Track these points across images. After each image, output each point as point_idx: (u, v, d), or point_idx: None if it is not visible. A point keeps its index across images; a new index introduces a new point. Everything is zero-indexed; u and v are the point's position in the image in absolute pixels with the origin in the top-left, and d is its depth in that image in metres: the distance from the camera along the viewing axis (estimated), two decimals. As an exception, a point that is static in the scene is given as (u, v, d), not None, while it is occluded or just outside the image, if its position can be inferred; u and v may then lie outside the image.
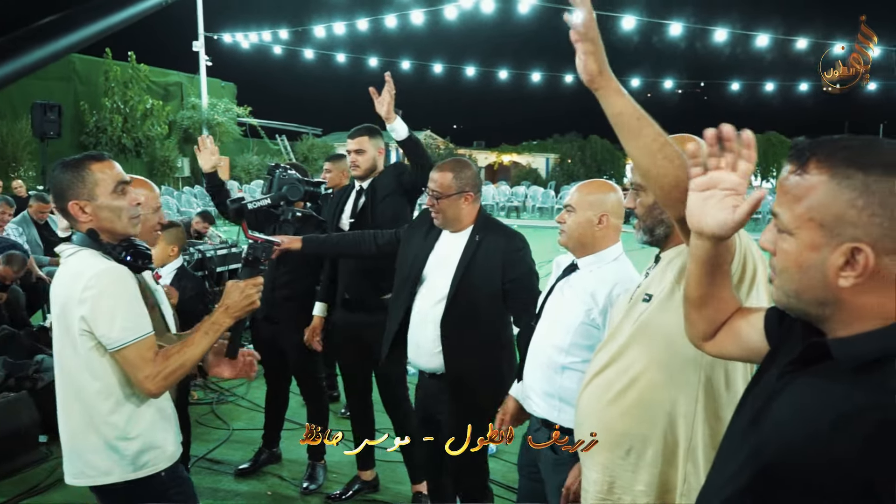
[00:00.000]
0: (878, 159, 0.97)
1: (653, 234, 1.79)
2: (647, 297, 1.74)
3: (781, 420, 1.05)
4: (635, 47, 17.59)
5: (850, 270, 0.97)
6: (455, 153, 33.01)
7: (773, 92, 23.75)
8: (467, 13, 14.07)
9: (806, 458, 0.97)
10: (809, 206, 1.00)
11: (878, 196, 0.95)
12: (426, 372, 2.89)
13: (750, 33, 16.54)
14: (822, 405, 0.99)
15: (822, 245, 1.00)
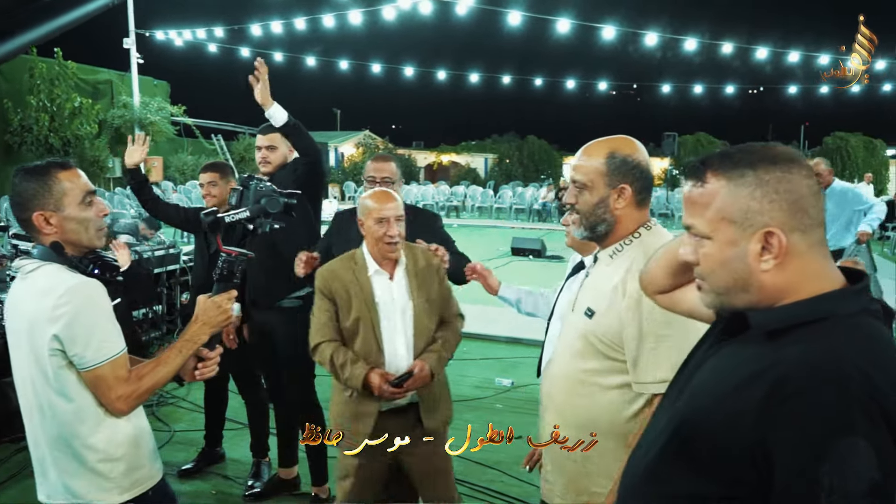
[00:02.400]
0: (760, 156, 1.13)
1: (594, 231, 1.84)
2: (590, 312, 1.80)
3: (700, 383, 1.18)
4: (572, 50, 17.98)
5: (768, 254, 1.10)
6: (394, 153, 33.02)
7: (702, 94, 24.64)
8: (405, 14, 14.16)
9: (714, 416, 1.08)
10: (717, 208, 1.14)
11: (771, 184, 1.10)
12: None
13: (679, 38, 17.14)
14: (735, 367, 1.11)
15: (738, 239, 1.12)
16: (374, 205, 2.54)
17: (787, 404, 0.99)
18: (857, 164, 29.82)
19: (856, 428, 0.95)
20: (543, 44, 11.50)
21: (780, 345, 1.06)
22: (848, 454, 0.94)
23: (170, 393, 5.25)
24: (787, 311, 1.11)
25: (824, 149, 31.04)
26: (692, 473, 1.10)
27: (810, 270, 1.11)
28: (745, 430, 1.01)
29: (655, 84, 23.64)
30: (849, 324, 1.07)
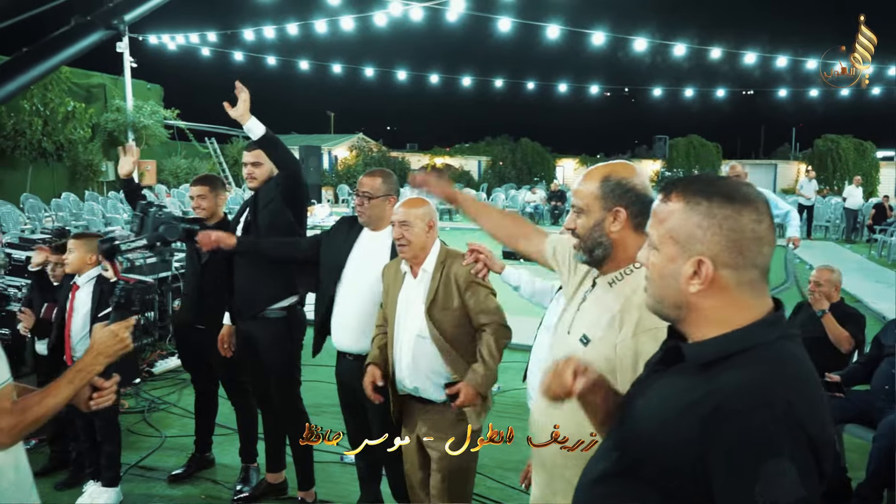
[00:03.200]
0: (720, 190, 1.23)
1: (592, 254, 1.85)
2: (585, 339, 1.81)
3: (644, 409, 1.29)
4: (564, 54, 18.10)
5: (697, 279, 1.22)
6: (388, 156, 33.04)
7: (694, 97, 24.79)
8: (398, 18, 14.23)
9: (659, 439, 1.20)
10: (669, 226, 1.26)
11: (717, 219, 1.21)
12: (352, 354, 3.22)
13: (670, 43, 17.26)
14: (674, 396, 1.23)
15: (677, 257, 1.24)
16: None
17: (723, 429, 1.10)
18: (847, 167, 29.99)
19: (783, 450, 1.06)
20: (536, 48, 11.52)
21: (713, 375, 1.17)
22: (777, 474, 1.05)
23: (161, 399, 5.33)
24: (717, 344, 1.21)
25: (815, 151, 31.23)
26: (637, 489, 1.22)
27: (737, 304, 1.22)
28: (688, 452, 1.13)
29: (647, 87, 23.79)
30: (771, 351, 1.18)
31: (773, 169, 34.00)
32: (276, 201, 3.55)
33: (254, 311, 3.59)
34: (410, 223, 2.80)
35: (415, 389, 2.86)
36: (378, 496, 3.58)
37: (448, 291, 2.77)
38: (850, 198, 18.88)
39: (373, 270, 3.15)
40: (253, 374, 3.80)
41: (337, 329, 3.26)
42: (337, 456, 4.36)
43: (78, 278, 3.72)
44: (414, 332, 2.81)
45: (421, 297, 2.82)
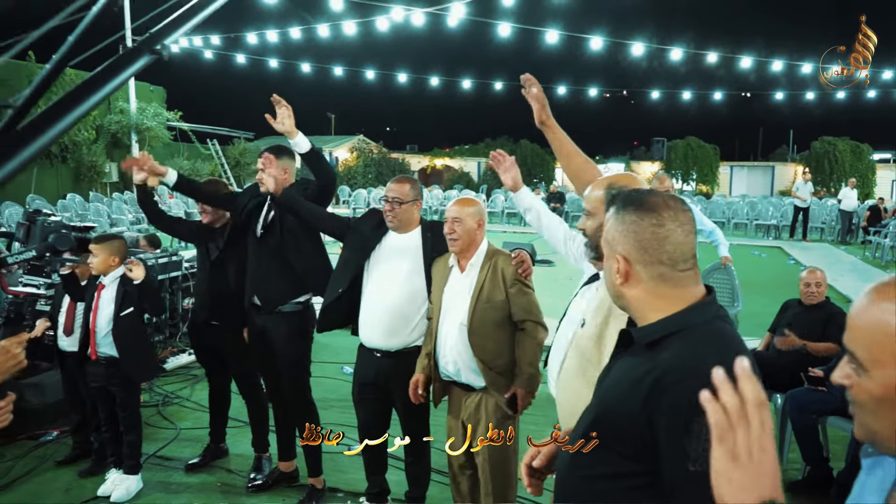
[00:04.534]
0: (633, 202, 1.50)
1: (597, 252, 2.06)
2: (583, 322, 2.12)
3: (606, 388, 1.54)
4: (563, 57, 18.33)
5: (618, 274, 1.49)
6: (388, 157, 33.27)
7: (691, 100, 25.02)
8: (399, 22, 14.45)
9: (615, 410, 1.43)
10: (606, 231, 1.55)
11: (625, 224, 1.48)
12: (380, 351, 3.43)
13: (668, 47, 17.50)
14: (626, 373, 1.45)
15: (610, 257, 1.53)
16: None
17: (663, 397, 1.32)
18: (844, 169, 30.21)
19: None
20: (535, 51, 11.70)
21: (655, 353, 1.40)
22: (704, 429, 1.21)
23: (174, 393, 5.55)
24: (658, 326, 1.45)
25: (812, 153, 31.46)
26: (604, 456, 1.44)
27: (655, 293, 1.46)
28: (637, 419, 1.34)
29: (645, 90, 24.03)
30: (704, 330, 1.42)
31: (770, 171, 34.24)
32: (295, 226, 3.78)
33: (274, 305, 3.80)
34: (462, 219, 3.06)
35: (457, 374, 3.12)
36: (384, 485, 3.78)
37: (495, 285, 3.03)
38: (845, 200, 19.12)
39: (402, 271, 3.38)
40: (267, 368, 4.00)
41: (365, 326, 3.45)
42: (345, 447, 4.57)
43: (103, 278, 3.94)
44: (458, 321, 3.05)
45: (468, 289, 3.07)
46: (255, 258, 3.82)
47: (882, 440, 1.05)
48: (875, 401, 1.03)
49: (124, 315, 3.91)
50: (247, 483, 4.10)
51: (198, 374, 5.93)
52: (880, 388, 1.01)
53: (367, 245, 3.47)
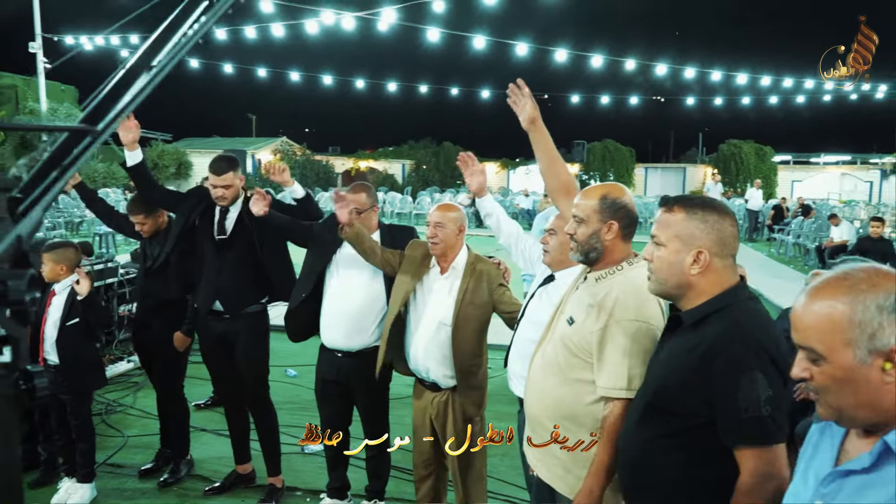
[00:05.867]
0: (708, 205, 1.84)
1: (587, 256, 2.26)
2: (571, 321, 2.27)
3: (660, 365, 1.87)
4: (487, 62, 18.72)
5: (696, 265, 1.78)
6: (312, 159, 32.98)
7: (609, 104, 25.94)
8: (324, 25, 14.42)
9: (674, 382, 1.77)
10: (675, 230, 1.82)
11: (709, 223, 1.79)
12: (341, 351, 3.56)
13: (587, 54, 18.15)
14: (678, 349, 1.79)
15: (682, 251, 1.80)
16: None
17: (713, 362, 1.67)
18: (749, 170, 31.99)
19: (754, 367, 1.64)
20: (461, 56, 11.98)
21: (701, 329, 1.75)
22: (751, 381, 1.64)
23: (117, 402, 5.47)
24: (702, 308, 1.79)
25: (720, 155, 33.15)
26: (666, 418, 1.79)
27: (719, 280, 1.80)
28: (694, 383, 1.71)
29: (566, 94, 24.78)
30: (740, 308, 1.76)
31: (682, 172, 35.82)
32: (263, 234, 3.84)
33: (238, 309, 3.87)
34: (444, 224, 3.20)
35: (426, 372, 3.25)
36: (345, 481, 3.90)
37: (479, 287, 3.18)
38: (752, 199, 20.33)
39: (363, 275, 3.51)
40: (225, 372, 4.03)
41: (328, 328, 3.58)
42: (299, 447, 4.67)
43: (56, 286, 3.89)
44: (437, 320, 3.19)
45: (449, 290, 3.21)
46: (216, 264, 3.84)
47: (846, 415, 1.22)
48: (837, 382, 1.20)
49: (70, 325, 3.88)
50: (157, 485, 4.13)
51: (139, 381, 5.86)
52: (840, 370, 1.19)
53: (329, 250, 3.59)
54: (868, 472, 1.18)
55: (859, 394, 1.18)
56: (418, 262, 3.32)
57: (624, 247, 2.27)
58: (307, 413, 5.26)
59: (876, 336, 1.15)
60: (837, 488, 1.23)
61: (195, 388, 5.30)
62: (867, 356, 1.16)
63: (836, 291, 1.20)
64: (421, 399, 3.36)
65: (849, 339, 1.17)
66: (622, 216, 2.24)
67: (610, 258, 2.25)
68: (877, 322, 1.15)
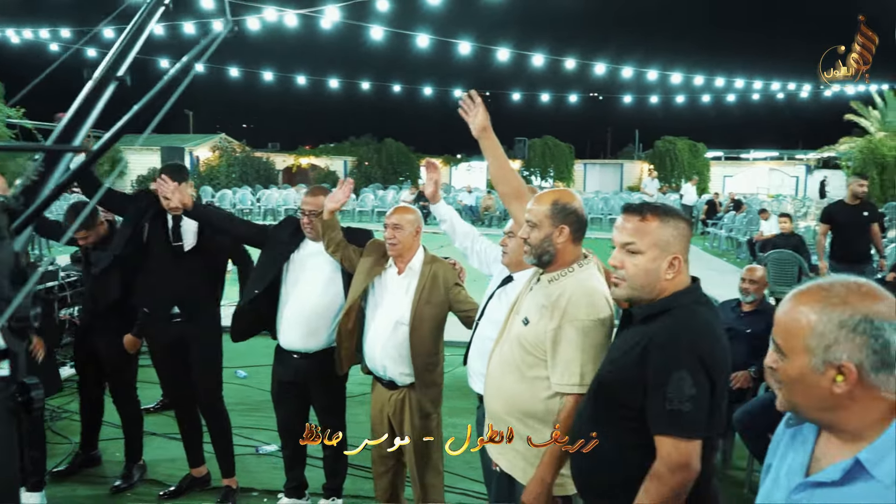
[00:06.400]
0: (671, 210, 1.99)
1: (540, 259, 2.38)
2: (526, 321, 2.39)
3: (612, 355, 2.07)
4: (429, 59, 18.80)
5: (671, 270, 1.93)
6: (252, 156, 32.44)
7: (549, 101, 26.38)
8: (266, 21, 14.26)
9: (615, 375, 1.95)
10: (653, 238, 1.93)
11: (679, 229, 1.95)
12: (299, 353, 3.60)
13: (527, 53, 18.44)
14: (626, 342, 1.98)
15: (659, 258, 1.93)
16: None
17: (650, 358, 1.86)
18: (683, 166, 33.00)
19: (682, 366, 1.82)
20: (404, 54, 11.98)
21: (649, 326, 1.93)
22: (678, 380, 1.80)
23: (62, 408, 5.36)
24: (652, 306, 1.96)
25: (656, 151, 34.08)
26: (611, 405, 1.98)
27: (682, 281, 1.97)
28: (634, 375, 1.90)
29: (507, 91, 25.10)
30: (685, 310, 1.93)
31: (619, 168, 36.69)
32: (225, 242, 3.89)
33: (196, 313, 3.87)
34: (402, 226, 3.28)
35: (384, 370, 3.33)
36: (303, 480, 3.95)
37: (435, 287, 3.27)
38: (687, 195, 21.02)
39: (320, 276, 3.57)
40: (178, 376, 4.02)
41: (285, 330, 3.62)
42: (252, 448, 4.69)
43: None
44: (394, 319, 3.27)
45: (406, 289, 3.29)
46: (172, 270, 3.83)
47: (800, 410, 1.33)
48: (792, 380, 1.29)
49: None
50: (111, 490, 4.11)
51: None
52: (795, 370, 1.28)
53: (285, 251, 3.63)
54: (837, 485, 1.25)
55: (809, 396, 1.28)
56: (376, 261, 3.39)
57: (574, 249, 2.40)
58: (259, 413, 5.29)
59: (831, 349, 1.23)
60: (808, 496, 1.30)
61: (143, 391, 5.23)
62: (821, 365, 1.24)
63: (812, 300, 1.28)
64: (378, 397, 3.43)
65: (807, 346, 1.26)
66: (572, 220, 2.37)
67: (562, 260, 2.37)
68: (833, 336, 1.23)
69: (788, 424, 1.43)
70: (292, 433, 3.78)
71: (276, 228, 3.80)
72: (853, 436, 1.26)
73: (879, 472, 1.20)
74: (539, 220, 2.37)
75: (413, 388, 3.30)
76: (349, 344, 3.43)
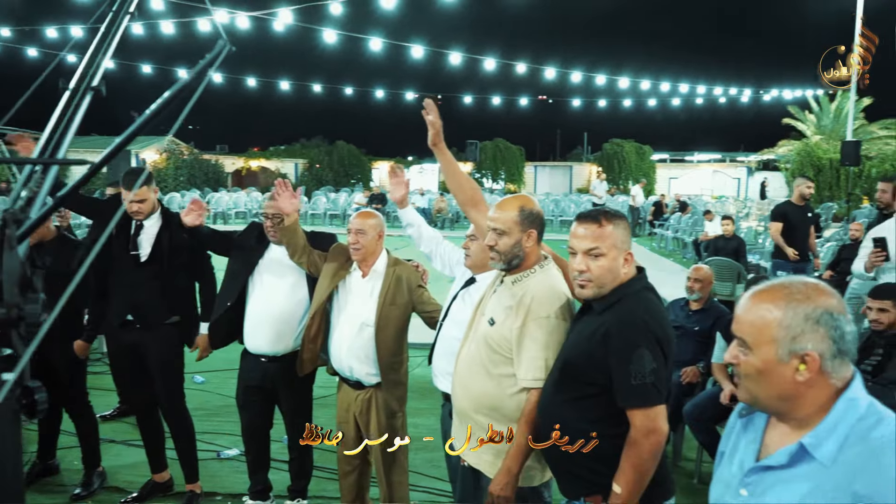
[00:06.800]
0: (616, 213, 2.23)
1: (510, 263, 2.47)
2: (492, 321, 2.50)
3: (572, 340, 2.26)
4: (382, 62, 18.85)
5: (627, 265, 2.17)
6: (200, 158, 31.92)
7: (500, 105, 26.73)
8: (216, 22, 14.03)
9: (579, 358, 2.16)
10: (612, 240, 2.15)
11: (627, 230, 2.20)
12: (266, 356, 3.66)
13: (479, 57, 18.67)
14: (587, 330, 2.17)
15: (618, 256, 2.16)
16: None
17: (611, 341, 2.08)
18: (630, 168, 33.78)
19: (641, 344, 2.05)
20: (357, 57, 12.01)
21: (605, 314, 2.15)
22: (639, 357, 2.03)
23: (14, 417, 5.26)
24: (609, 296, 2.17)
25: (604, 154, 34.79)
26: (574, 385, 2.18)
27: (630, 272, 2.19)
28: (597, 356, 2.11)
29: (459, 95, 25.32)
30: (636, 297, 2.16)
31: (569, 170, 37.31)
32: (185, 249, 3.86)
33: (150, 320, 3.85)
34: (365, 231, 3.34)
35: (350, 371, 3.39)
36: (267, 483, 3.98)
37: (399, 289, 3.35)
38: (634, 197, 21.51)
39: (286, 281, 3.62)
40: (138, 382, 4.00)
41: (252, 335, 3.65)
42: (213, 453, 4.68)
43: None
44: (359, 321, 3.33)
45: (370, 291, 3.36)
46: (131, 278, 3.81)
47: (761, 402, 1.44)
48: (757, 372, 1.40)
49: None
50: (70, 498, 4.08)
51: (36, 396, 5.63)
52: (761, 362, 1.39)
53: (251, 258, 3.67)
54: (784, 468, 1.39)
55: (773, 386, 1.39)
56: (340, 265, 3.46)
57: (538, 250, 2.53)
58: (218, 418, 5.28)
59: (797, 340, 1.35)
60: (759, 480, 1.44)
61: (98, 398, 5.18)
62: (787, 355, 1.36)
63: (776, 297, 1.39)
64: (344, 397, 3.50)
65: (774, 338, 1.37)
66: (538, 224, 2.50)
67: (527, 262, 2.49)
68: (800, 328, 1.35)
69: (741, 415, 1.56)
70: (257, 436, 3.82)
71: (241, 235, 3.83)
72: (799, 423, 1.39)
73: (820, 454, 1.34)
74: (508, 227, 2.46)
75: (379, 388, 3.38)
76: (313, 346, 3.49)
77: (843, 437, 1.33)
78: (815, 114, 28.11)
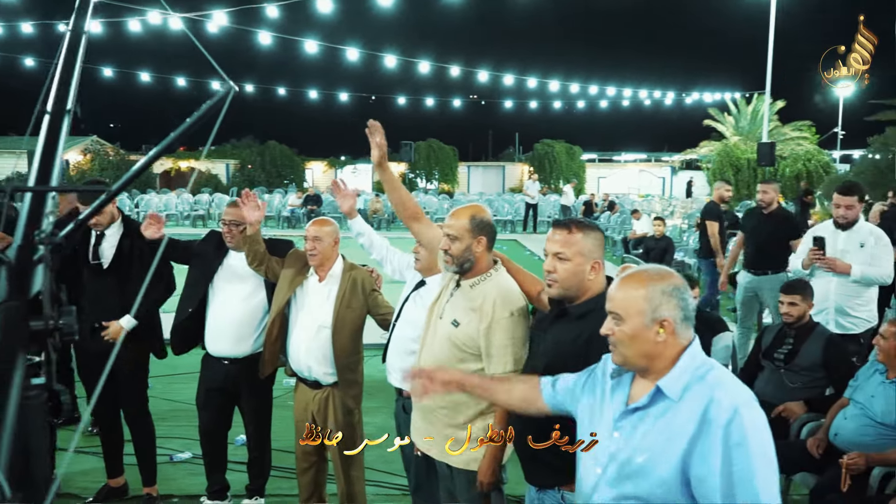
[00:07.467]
0: (590, 224, 2.39)
1: (462, 267, 2.68)
2: (456, 323, 2.69)
3: (551, 343, 2.39)
4: (317, 66, 18.81)
5: (593, 272, 2.30)
6: (127, 159, 30.95)
7: (434, 106, 27.03)
8: (147, 23, 13.83)
9: (562, 358, 2.28)
10: (578, 247, 2.29)
11: (597, 239, 2.33)
12: (227, 359, 3.77)
13: (413, 60, 18.87)
14: (566, 334, 2.34)
15: (584, 263, 2.30)
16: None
17: (592, 346, 2.17)
18: (561, 168, 34.55)
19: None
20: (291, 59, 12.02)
21: (583, 321, 2.29)
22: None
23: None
24: (586, 304, 2.33)
25: (535, 154, 35.48)
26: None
27: (600, 281, 2.36)
28: (577, 363, 2.19)
29: (393, 96, 25.46)
30: None
31: (501, 170, 37.87)
32: (146, 255, 3.89)
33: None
34: (321, 238, 3.50)
35: (308, 371, 3.54)
36: (224, 483, 4.08)
37: (354, 293, 3.52)
38: (566, 196, 22.12)
39: (246, 286, 3.76)
40: (106, 387, 3.96)
41: (214, 338, 3.77)
42: (167, 457, 4.73)
43: None
44: (317, 323, 3.49)
45: (327, 295, 3.52)
46: (91, 285, 3.86)
47: (630, 361, 1.83)
48: (629, 338, 1.80)
49: None
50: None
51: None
52: (632, 330, 1.79)
53: (211, 265, 3.79)
54: (647, 407, 1.78)
55: (640, 347, 1.78)
56: (297, 271, 3.60)
57: (489, 256, 2.76)
58: (167, 423, 5.27)
59: (657, 310, 1.76)
60: (627, 422, 1.82)
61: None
62: (651, 323, 1.76)
63: (640, 279, 1.82)
64: (302, 396, 3.65)
65: (641, 310, 1.77)
66: (488, 232, 2.73)
67: (479, 267, 2.71)
68: (658, 301, 1.76)
69: (612, 376, 1.94)
70: (215, 437, 3.93)
71: (201, 244, 3.94)
72: (657, 375, 1.78)
73: (671, 392, 1.74)
74: (460, 233, 2.68)
75: (336, 387, 3.54)
76: (273, 349, 3.64)
77: (688, 380, 1.74)
78: (734, 116, 29.49)
